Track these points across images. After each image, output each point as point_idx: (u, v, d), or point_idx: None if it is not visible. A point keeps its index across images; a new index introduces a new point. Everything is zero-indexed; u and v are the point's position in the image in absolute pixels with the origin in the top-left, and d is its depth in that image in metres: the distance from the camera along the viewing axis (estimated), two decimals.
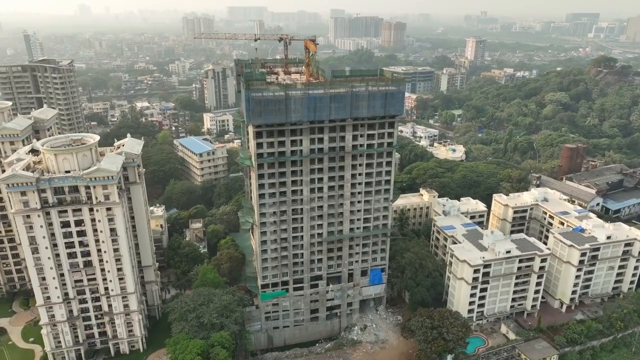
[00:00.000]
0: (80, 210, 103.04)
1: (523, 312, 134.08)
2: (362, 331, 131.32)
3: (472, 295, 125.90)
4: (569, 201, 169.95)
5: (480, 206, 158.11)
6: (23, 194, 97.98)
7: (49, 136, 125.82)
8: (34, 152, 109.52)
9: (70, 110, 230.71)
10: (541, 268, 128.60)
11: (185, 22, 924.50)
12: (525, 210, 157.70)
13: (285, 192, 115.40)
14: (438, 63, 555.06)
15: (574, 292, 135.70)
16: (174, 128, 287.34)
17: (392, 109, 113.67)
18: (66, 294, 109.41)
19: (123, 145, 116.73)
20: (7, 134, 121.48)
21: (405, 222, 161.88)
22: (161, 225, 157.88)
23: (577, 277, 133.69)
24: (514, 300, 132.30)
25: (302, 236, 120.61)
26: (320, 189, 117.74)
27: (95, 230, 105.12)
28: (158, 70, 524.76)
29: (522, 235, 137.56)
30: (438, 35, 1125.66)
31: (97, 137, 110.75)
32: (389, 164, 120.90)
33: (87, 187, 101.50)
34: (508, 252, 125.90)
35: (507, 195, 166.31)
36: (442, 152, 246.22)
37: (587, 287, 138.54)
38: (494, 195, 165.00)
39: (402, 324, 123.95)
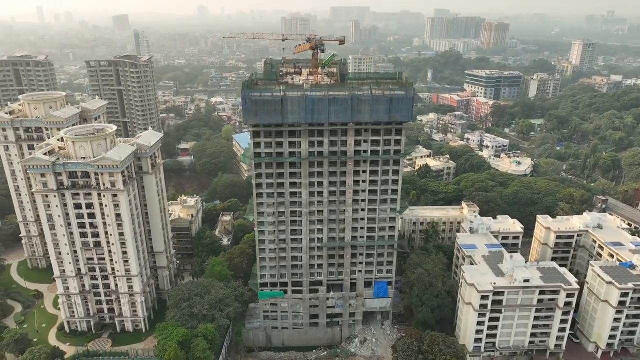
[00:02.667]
0: (90, 194, 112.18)
1: (546, 351, 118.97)
2: (362, 344, 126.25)
3: (479, 323, 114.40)
4: (633, 232, 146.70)
5: (517, 227, 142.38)
6: (42, 175, 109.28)
7: None
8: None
9: (144, 101, 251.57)
10: (567, 304, 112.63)
11: (284, 22, 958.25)
12: (572, 237, 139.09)
13: (283, 193, 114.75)
14: (535, 67, 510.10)
15: (612, 337, 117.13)
16: (238, 123, 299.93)
17: (399, 114, 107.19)
18: (79, 269, 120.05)
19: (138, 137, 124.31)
20: (53, 121, 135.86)
21: (432, 236, 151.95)
22: (192, 215, 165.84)
23: (617, 319, 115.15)
24: (534, 335, 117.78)
25: (301, 239, 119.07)
26: (321, 194, 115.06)
27: (103, 214, 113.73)
28: (246, 68, 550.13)
29: (552, 264, 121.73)
30: (551, 38, 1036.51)
31: (115, 128, 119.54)
32: (396, 172, 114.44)
33: (97, 174, 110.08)
34: (527, 281, 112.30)
35: (554, 217, 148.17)
36: (505, 164, 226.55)
37: (632, 333, 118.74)
38: (538, 216, 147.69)
39: (394, 343, 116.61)
